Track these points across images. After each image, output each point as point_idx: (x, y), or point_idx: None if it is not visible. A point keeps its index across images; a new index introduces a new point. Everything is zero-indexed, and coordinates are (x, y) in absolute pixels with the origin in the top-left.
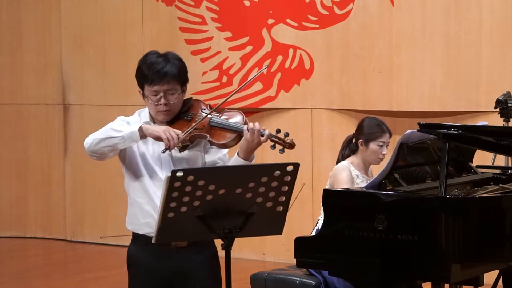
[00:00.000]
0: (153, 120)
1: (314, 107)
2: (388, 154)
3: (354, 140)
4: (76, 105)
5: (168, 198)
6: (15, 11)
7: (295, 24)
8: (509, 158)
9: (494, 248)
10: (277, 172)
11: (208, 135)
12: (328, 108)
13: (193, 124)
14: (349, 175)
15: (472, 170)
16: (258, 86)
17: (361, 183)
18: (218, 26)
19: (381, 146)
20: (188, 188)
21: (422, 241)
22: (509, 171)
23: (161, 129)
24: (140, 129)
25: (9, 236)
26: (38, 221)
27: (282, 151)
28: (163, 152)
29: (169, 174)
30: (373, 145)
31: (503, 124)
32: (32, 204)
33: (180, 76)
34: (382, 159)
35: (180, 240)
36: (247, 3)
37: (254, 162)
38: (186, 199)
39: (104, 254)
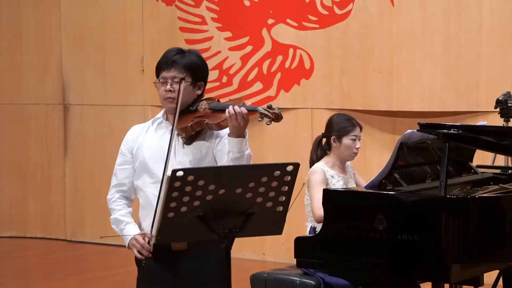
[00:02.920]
0: (167, 116)
1: (314, 107)
2: (387, 153)
3: (325, 139)
4: (76, 105)
5: (168, 198)
6: (15, 11)
7: (295, 24)
8: (509, 158)
9: (494, 248)
10: (277, 172)
11: (206, 119)
12: (328, 108)
13: (198, 114)
14: (322, 176)
15: (472, 170)
16: (258, 86)
17: (337, 183)
18: (218, 26)
19: (354, 140)
20: (188, 188)
21: (422, 241)
22: (509, 171)
23: (132, 243)
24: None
25: (9, 236)
26: (38, 221)
27: (269, 122)
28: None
29: (169, 174)
30: (346, 140)
31: (503, 124)
32: (32, 204)
33: (190, 67)
34: (356, 154)
35: (180, 240)
36: (247, 3)
37: (254, 162)
38: (186, 199)
39: (104, 254)
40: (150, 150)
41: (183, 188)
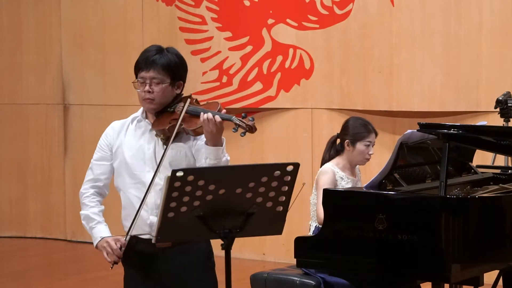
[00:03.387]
0: (146, 114)
1: (314, 107)
2: (387, 153)
3: (339, 141)
4: (76, 105)
5: (168, 198)
6: (15, 11)
7: (295, 24)
8: (509, 158)
9: (494, 248)
10: (277, 172)
11: (183, 124)
12: (328, 108)
13: (175, 116)
14: (331, 177)
15: (472, 170)
16: (258, 86)
17: (346, 184)
18: (218, 26)
19: (368, 146)
20: (188, 188)
21: (422, 241)
22: (509, 171)
23: (102, 245)
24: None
25: (9, 236)
26: (38, 221)
27: (243, 134)
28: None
29: (169, 174)
30: (359, 145)
31: (503, 124)
32: (32, 204)
33: (169, 67)
34: (368, 159)
35: (180, 240)
36: (247, 3)
37: (254, 162)
38: (186, 199)
39: None
40: (130, 150)
41: (183, 188)
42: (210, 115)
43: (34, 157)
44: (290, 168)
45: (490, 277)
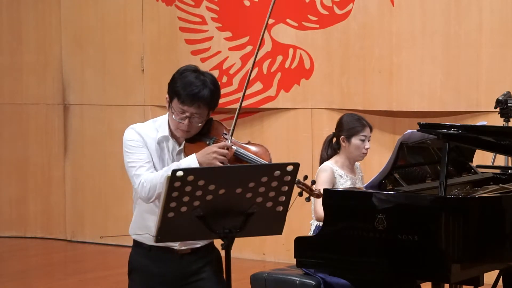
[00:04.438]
0: (172, 134)
1: (314, 107)
2: (387, 153)
3: (335, 139)
4: (76, 105)
5: (168, 198)
6: (15, 11)
7: (295, 24)
8: (509, 158)
9: (494, 248)
10: (277, 172)
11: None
12: (328, 108)
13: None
14: (330, 175)
15: (472, 170)
16: (258, 86)
17: (345, 183)
18: (218, 26)
19: (363, 140)
20: (188, 188)
21: (422, 241)
22: (509, 171)
23: (211, 157)
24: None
25: (9, 236)
26: (38, 221)
27: (307, 199)
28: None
29: (169, 174)
30: (355, 140)
31: (503, 124)
32: (32, 204)
33: (212, 102)
34: (365, 154)
35: (180, 240)
36: (247, 3)
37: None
38: (186, 199)
39: (104, 254)
40: (158, 166)
41: (183, 188)
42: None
43: (34, 157)
44: (290, 168)
45: (490, 277)
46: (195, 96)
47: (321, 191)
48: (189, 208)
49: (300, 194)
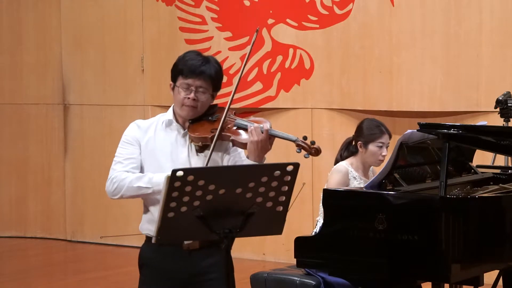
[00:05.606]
0: (176, 118)
1: (314, 107)
2: (388, 154)
3: (353, 142)
4: (76, 105)
5: (168, 198)
6: (15, 11)
7: (295, 24)
8: (509, 158)
9: (494, 248)
10: (277, 172)
11: (231, 135)
12: (328, 108)
13: (217, 126)
14: (344, 177)
15: (472, 170)
16: (258, 86)
17: (358, 185)
18: (218, 26)
19: (381, 147)
20: (188, 188)
21: (422, 241)
22: (509, 171)
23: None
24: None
25: (9, 236)
26: (38, 221)
27: (307, 155)
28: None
29: (169, 174)
30: (372, 147)
31: (503, 124)
32: (32, 204)
33: (216, 78)
34: (382, 161)
35: (180, 240)
36: (247, 3)
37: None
38: (186, 199)
39: (104, 254)
40: (162, 152)
41: (183, 188)
42: (257, 124)
43: (34, 157)
44: (290, 168)
45: (490, 277)
46: (198, 68)
47: (320, 148)
48: (189, 208)
49: (299, 151)
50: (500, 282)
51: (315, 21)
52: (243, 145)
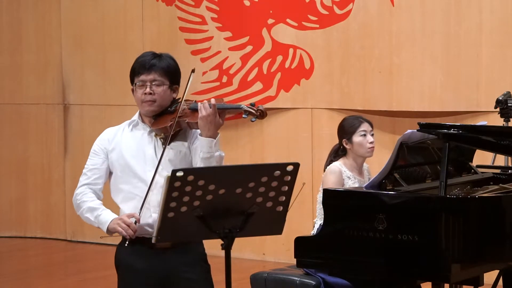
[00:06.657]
0: (142, 118)
1: (314, 107)
2: (387, 153)
3: (340, 146)
4: (76, 105)
5: (168, 198)
6: (15, 11)
7: (295, 24)
8: (509, 158)
9: (494, 248)
10: (277, 172)
11: (186, 118)
12: (328, 108)
13: (176, 114)
14: (338, 177)
15: (472, 170)
16: (258, 86)
17: (353, 184)
18: (218, 26)
19: (364, 135)
20: (188, 188)
21: (422, 241)
22: (509, 171)
23: (115, 223)
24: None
25: (9, 236)
26: (38, 221)
27: (254, 119)
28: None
29: (169, 174)
30: (356, 138)
31: (503, 124)
32: (32, 204)
33: (168, 70)
34: (372, 149)
35: (180, 240)
36: (247, 3)
37: (254, 162)
38: (186, 199)
39: (104, 254)
40: (129, 151)
41: (183, 188)
42: (206, 102)
43: (34, 157)
44: (290, 168)
45: (490, 277)
46: (148, 63)
47: (265, 110)
48: (189, 208)
49: (246, 116)
50: (500, 282)
51: (315, 21)
52: (197, 124)
